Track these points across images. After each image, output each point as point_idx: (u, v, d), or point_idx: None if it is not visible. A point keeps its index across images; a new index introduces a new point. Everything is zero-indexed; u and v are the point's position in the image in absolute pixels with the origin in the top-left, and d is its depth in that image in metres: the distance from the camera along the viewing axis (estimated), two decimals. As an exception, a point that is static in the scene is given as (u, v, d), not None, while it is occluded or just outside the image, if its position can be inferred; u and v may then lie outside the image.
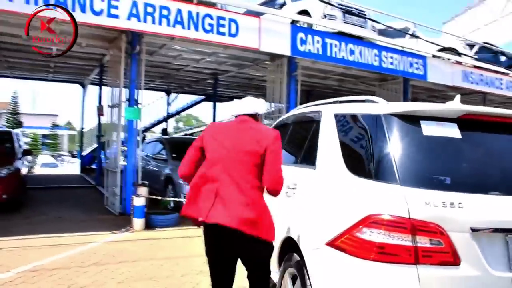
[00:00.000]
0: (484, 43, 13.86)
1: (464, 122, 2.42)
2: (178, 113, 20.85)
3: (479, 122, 2.49)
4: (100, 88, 12.87)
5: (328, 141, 2.93)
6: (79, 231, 6.39)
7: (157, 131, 23.44)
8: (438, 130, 2.39)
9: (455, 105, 2.54)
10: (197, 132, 28.04)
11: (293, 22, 9.05)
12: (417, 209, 2.09)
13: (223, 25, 7.73)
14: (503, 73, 13.24)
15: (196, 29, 7.47)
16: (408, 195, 2.13)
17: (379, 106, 2.68)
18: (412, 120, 2.41)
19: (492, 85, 12.72)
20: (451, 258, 2.08)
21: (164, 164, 9.31)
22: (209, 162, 2.73)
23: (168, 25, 7.28)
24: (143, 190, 6.90)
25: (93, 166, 16.03)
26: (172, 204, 8.08)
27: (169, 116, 19.48)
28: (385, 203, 2.16)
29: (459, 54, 12.31)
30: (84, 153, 18.17)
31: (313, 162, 3.04)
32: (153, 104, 19.56)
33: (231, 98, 19.65)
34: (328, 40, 9.13)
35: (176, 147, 9.90)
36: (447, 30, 12.30)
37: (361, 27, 9.88)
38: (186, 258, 5.19)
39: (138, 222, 6.71)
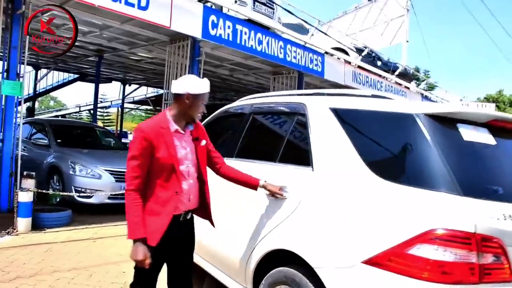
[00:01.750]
0: (364, 47, 14.85)
1: (490, 128, 2.24)
2: (47, 91, 18.48)
3: (504, 128, 2.33)
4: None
5: (330, 140, 2.53)
6: None
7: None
8: (476, 135, 2.17)
9: (488, 110, 2.35)
10: (70, 113, 25.40)
11: (202, 0, 8.36)
12: (482, 223, 1.82)
13: (133, -5, 6.76)
14: (382, 77, 14.34)
15: (103, -6, 6.41)
16: (472, 207, 1.85)
17: (404, 104, 2.37)
18: (448, 122, 2.16)
19: (374, 87, 13.68)
20: (509, 274, 1.87)
21: (45, 150, 7.88)
22: None
23: (69, -16, 6.13)
24: (29, 183, 5.67)
25: None
26: (57, 199, 6.85)
27: (38, 94, 17.10)
28: (447, 216, 1.84)
29: (347, 55, 12.97)
30: None
31: (305, 161, 2.61)
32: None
33: (109, 80, 18.12)
34: (238, 27, 8.70)
35: (60, 131, 8.55)
36: (327, 31, 12.81)
37: (269, 17, 9.68)
38: (99, 267, 4.31)
39: (23, 222, 5.47)
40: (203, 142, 2.59)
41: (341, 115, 2.58)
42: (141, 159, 2.28)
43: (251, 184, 2.72)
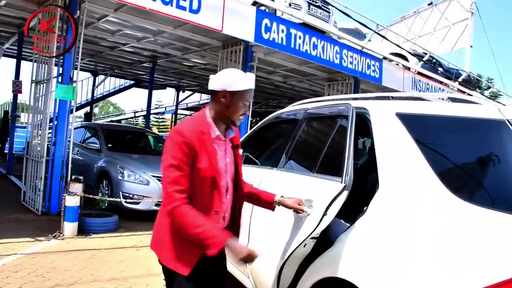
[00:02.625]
0: (424, 53, 14.06)
1: None
2: (104, 97, 19.05)
3: None
4: (18, 61, 10.90)
5: (397, 153, 2.12)
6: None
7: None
8: None
9: None
10: (127, 118, 26.13)
11: (256, 4, 8.11)
12: None
13: (184, -2, 6.64)
14: (444, 84, 13.50)
15: (154, -2, 6.32)
16: None
17: (494, 109, 1.92)
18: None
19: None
20: None
21: (97, 155, 7.91)
22: None
23: (121, -12, 6.08)
24: (77, 187, 5.60)
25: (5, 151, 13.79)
26: (106, 204, 6.78)
27: (95, 100, 17.63)
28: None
29: (406, 61, 12.29)
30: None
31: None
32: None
33: (163, 86, 18.38)
34: (293, 31, 8.38)
35: (111, 136, 8.57)
36: (387, 37, 12.21)
37: (325, 21, 9.29)
38: (139, 279, 4.10)
39: (69, 227, 5.41)
40: (241, 151, 2.23)
41: (407, 121, 2.16)
42: (185, 168, 1.88)
43: (265, 201, 2.31)
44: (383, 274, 1.88)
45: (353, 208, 2.73)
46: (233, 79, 2.00)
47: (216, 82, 2.00)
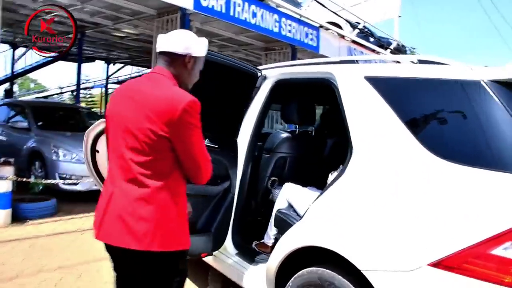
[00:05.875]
0: (357, 22, 14.33)
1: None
2: (26, 72, 17.59)
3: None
4: None
5: (370, 116, 2.08)
6: None
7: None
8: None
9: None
10: (52, 95, 24.44)
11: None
12: None
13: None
14: (377, 52, 13.87)
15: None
16: None
17: (465, 70, 1.91)
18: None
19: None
20: None
21: (25, 134, 7.25)
22: (108, 149, 1.88)
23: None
24: (7, 171, 5.09)
25: None
26: (40, 188, 6.26)
27: (15, 75, 16.23)
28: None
29: (341, 30, 12.45)
30: None
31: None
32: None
33: (92, 59, 17.33)
34: (232, -2, 8.09)
35: (41, 113, 7.89)
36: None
37: (263, -13, 9.07)
38: (89, 265, 3.83)
39: (2, 214, 4.93)
40: None
41: (377, 84, 2.12)
42: None
43: None
44: (368, 239, 1.85)
45: (323, 175, 2.70)
46: (197, 43, 1.84)
47: (178, 44, 1.79)
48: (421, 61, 2.22)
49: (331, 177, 2.80)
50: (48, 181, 5.85)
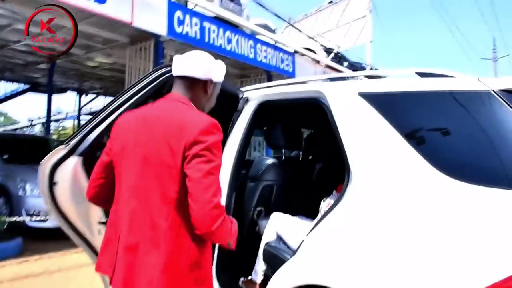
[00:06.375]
0: (330, 48, 14.51)
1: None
2: (-6, 104, 16.98)
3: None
4: None
5: (369, 135, 1.89)
6: None
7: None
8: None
9: None
10: (21, 128, 23.67)
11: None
12: None
13: (87, -14, 5.91)
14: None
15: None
16: None
17: (472, 80, 1.75)
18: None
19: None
20: None
21: (-11, 169, 6.82)
22: (116, 185, 1.64)
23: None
24: (-32, 209, 4.70)
25: None
26: (4, 226, 5.80)
27: (-18, 108, 15.62)
28: None
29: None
30: None
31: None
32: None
33: (63, 90, 16.89)
34: (206, 24, 7.96)
35: (6, 146, 7.49)
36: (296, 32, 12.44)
37: (238, 14, 9.03)
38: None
39: (-40, 257, 4.52)
40: None
41: (377, 102, 1.94)
42: None
43: None
44: (376, 278, 1.61)
45: (313, 202, 2.48)
46: (217, 67, 1.73)
47: (199, 68, 1.66)
48: (420, 74, 2.05)
49: (323, 204, 2.59)
50: (14, 218, 5.42)
